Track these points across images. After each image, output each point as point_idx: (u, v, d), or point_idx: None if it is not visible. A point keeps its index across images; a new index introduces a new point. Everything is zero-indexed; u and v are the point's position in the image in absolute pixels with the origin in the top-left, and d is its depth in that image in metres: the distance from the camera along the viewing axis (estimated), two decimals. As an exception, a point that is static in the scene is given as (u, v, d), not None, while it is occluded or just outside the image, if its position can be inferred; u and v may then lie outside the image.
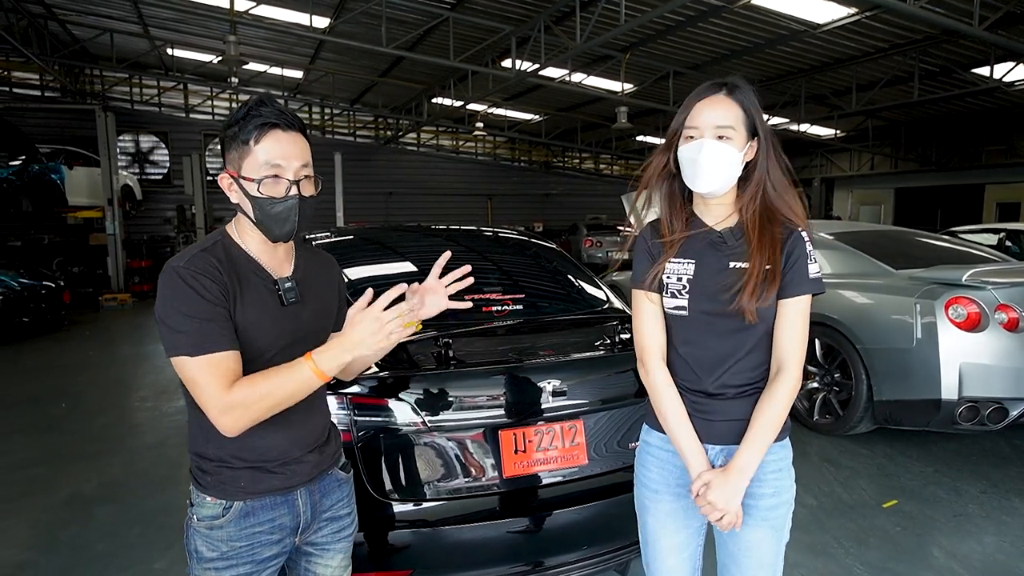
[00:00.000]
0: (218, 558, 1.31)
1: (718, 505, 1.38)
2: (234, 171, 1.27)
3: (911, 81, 11.43)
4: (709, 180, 1.40)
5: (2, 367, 6.93)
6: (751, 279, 1.37)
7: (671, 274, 1.46)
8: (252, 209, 1.27)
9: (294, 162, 1.27)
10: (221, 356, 1.20)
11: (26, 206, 11.56)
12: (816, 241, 4.86)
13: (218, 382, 1.19)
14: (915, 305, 3.82)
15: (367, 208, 19.64)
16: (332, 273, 1.53)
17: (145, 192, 16.01)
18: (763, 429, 1.39)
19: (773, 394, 1.40)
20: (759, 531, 1.45)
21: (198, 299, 1.20)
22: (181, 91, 17.31)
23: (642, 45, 11.34)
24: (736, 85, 1.41)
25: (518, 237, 3.33)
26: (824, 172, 21.13)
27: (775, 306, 1.42)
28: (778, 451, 1.47)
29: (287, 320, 1.33)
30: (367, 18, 10.32)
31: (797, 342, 1.41)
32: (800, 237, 1.42)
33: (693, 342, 1.46)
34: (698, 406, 1.47)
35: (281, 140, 1.26)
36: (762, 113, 1.42)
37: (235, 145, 1.26)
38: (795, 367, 1.40)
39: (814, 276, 1.41)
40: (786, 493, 1.48)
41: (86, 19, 12.84)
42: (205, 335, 1.19)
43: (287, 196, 1.26)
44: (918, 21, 9.01)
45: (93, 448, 4.30)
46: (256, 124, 1.24)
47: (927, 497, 3.46)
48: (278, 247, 1.36)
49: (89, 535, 3.09)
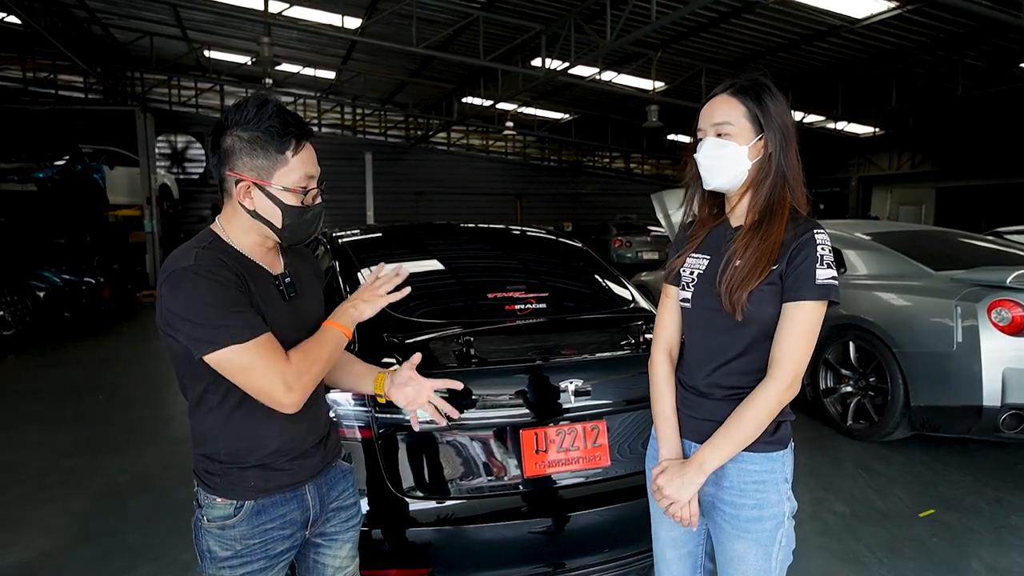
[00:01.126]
0: (232, 556, 1.32)
1: (665, 491, 1.40)
2: (262, 179, 1.26)
3: (955, 77, 11.07)
4: (713, 176, 1.41)
5: (45, 360, 7.16)
6: (726, 267, 1.37)
7: (687, 268, 1.49)
8: (283, 217, 1.29)
9: (318, 170, 1.34)
10: (267, 336, 1.22)
11: (69, 205, 11.93)
12: (852, 241, 4.74)
13: (278, 358, 1.22)
14: (956, 308, 3.68)
15: (397, 207, 19.83)
16: (314, 265, 1.58)
17: (182, 191, 16.42)
18: (729, 429, 1.35)
19: (752, 397, 1.34)
20: (742, 543, 1.41)
21: (226, 290, 1.20)
22: (217, 92, 17.69)
23: (674, 42, 11.20)
24: (745, 83, 1.39)
25: (543, 236, 3.30)
26: (862, 171, 20.63)
27: (774, 311, 1.35)
28: (763, 463, 1.39)
29: (290, 314, 1.35)
30: (398, 18, 10.40)
31: (792, 349, 1.32)
32: (811, 239, 1.32)
33: (694, 336, 1.49)
34: (687, 402, 1.49)
35: (311, 152, 1.32)
36: (779, 110, 1.38)
37: (263, 153, 1.25)
38: (784, 375, 1.32)
39: (823, 282, 1.31)
40: (771, 508, 1.39)
41: (128, 23, 13.21)
42: (247, 321, 1.20)
43: (317, 203, 1.34)
44: (962, 14, 8.72)
45: (128, 439, 4.41)
46: (294, 136, 1.26)
47: (967, 507, 3.34)
48: (270, 249, 1.38)
49: (121, 525, 3.17)
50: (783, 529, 1.41)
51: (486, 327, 2.24)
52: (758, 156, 1.38)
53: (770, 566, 1.41)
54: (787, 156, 1.38)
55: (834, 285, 1.33)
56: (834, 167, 21.56)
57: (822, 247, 1.33)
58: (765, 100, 1.37)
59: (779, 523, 1.41)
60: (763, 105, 1.37)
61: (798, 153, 1.41)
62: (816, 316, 1.33)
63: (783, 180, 1.38)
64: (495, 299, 2.46)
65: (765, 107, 1.37)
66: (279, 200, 1.27)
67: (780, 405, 1.35)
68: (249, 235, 1.33)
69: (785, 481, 1.43)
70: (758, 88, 1.38)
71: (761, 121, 1.37)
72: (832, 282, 1.32)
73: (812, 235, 1.33)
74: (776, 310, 1.35)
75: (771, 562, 1.41)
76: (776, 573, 1.43)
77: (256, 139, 1.24)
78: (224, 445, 1.31)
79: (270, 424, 1.30)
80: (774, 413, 1.35)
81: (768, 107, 1.37)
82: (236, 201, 1.29)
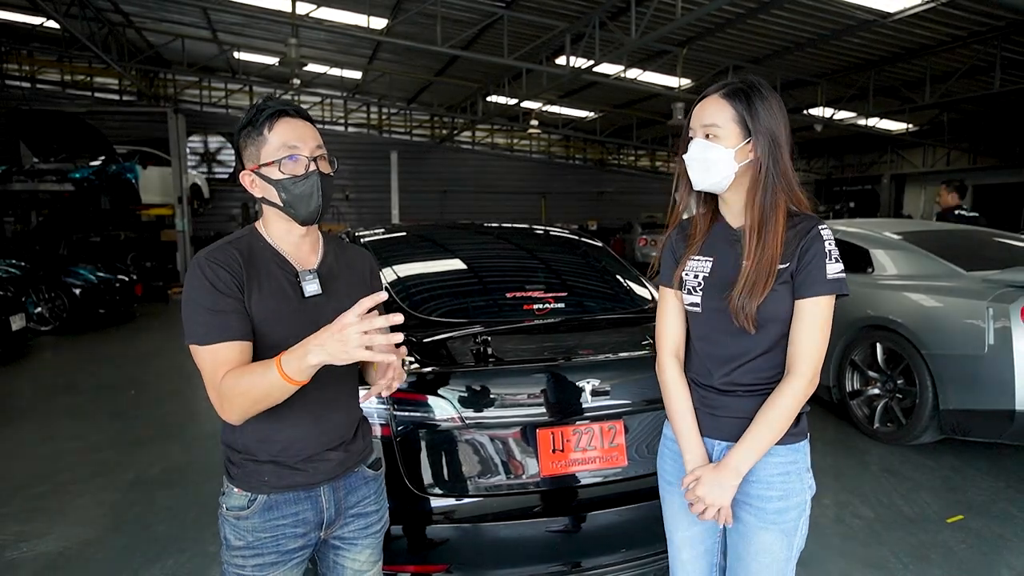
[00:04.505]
0: (245, 547, 1.35)
1: (706, 500, 1.39)
2: (254, 164, 1.33)
3: (992, 71, 10.75)
4: (701, 177, 1.42)
5: (79, 355, 7.37)
6: (741, 278, 1.37)
7: (690, 271, 1.50)
8: (277, 193, 1.32)
9: (309, 142, 1.33)
10: (224, 347, 1.24)
11: (104, 204, 12.27)
12: (881, 241, 4.64)
13: (216, 372, 1.24)
14: (988, 309, 3.59)
15: (422, 206, 19.96)
16: (363, 267, 1.53)
17: (212, 190, 16.75)
18: (761, 430, 1.38)
19: (778, 396, 1.38)
20: (768, 534, 1.43)
21: (212, 291, 1.25)
22: (247, 93, 18.00)
23: (700, 39, 11.08)
24: (738, 86, 1.39)
25: (563, 235, 3.31)
26: (894, 168, 20.18)
27: (790, 307, 1.38)
28: (788, 454, 1.44)
29: (308, 312, 1.34)
30: (423, 18, 10.46)
31: (811, 344, 1.36)
32: (818, 235, 1.37)
33: (706, 338, 1.48)
34: (706, 400, 1.49)
35: (292, 125, 1.33)
36: (769, 114, 1.37)
37: (251, 141, 1.33)
38: (807, 370, 1.36)
39: (833, 276, 1.35)
40: (796, 496, 1.44)
41: (160, 26, 13.53)
42: (212, 326, 1.24)
43: (308, 173, 1.32)
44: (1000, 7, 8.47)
45: (157, 433, 4.52)
46: (266, 115, 1.32)
47: (996, 513, 3.25)
48: (304, 239, 1.39)
49: (150, 517, 3.26)
50: (804, 517, 1.46)
51: (504, 326, 2.25)
52: (746, 159, 1.39)
53: (791, 554, 1.46)
54: (777, 159, 1.38)
55: (843, 279, 1.37)
56: (866, 164, 21.13)
57: (828, 242, 1.37)
58: (755, 104, 1.37)
59: (802, 511, 1.45)
60: (752, 109, 1.37)
61: (793, 154, 1.41)
62: (829, 310, 1.37)
63: (774, 183, 1.38)
64: (514, 298, 2.47)
65: (754, 111, 1.37)
66: (268, 177, 1.32)
67: (804, 399, 1.38)
68: (274, 225, 1.38)
69: (807, 470, 1.48)
70: (750, 91, 1.38)
71: (749, 125, 1.37)
72: (841, 276, 1.37)
73: (817, 231, 1.37)
74: (790, 306, 1.38)
75: (792, 550, 1.45)
76: (794, 561, 1.48)
77: (248, 133, 1.33)
78: (240, 437, 1.34)
79: (279, 422, 1.32)
80: (799, 408, 1.39)
81: (757, 111, 1.37)
82: (253, 195, 1.37)
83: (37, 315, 8.55)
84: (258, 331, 1.29)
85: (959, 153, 17.97)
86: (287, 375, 1.14)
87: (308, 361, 1.11)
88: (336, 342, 1.08)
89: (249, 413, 1.23)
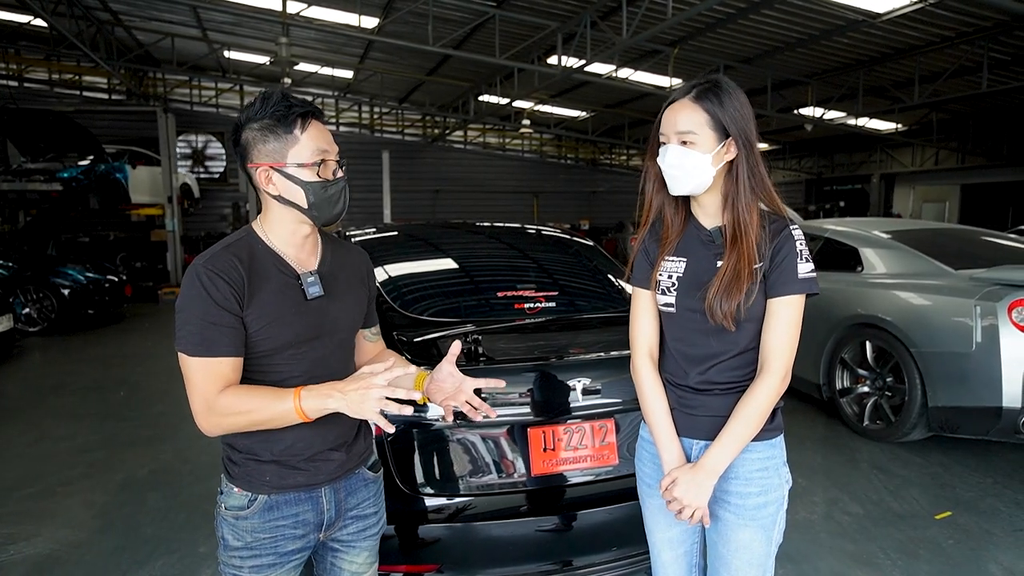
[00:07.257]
0: (243, 547, 1.34)
1: (683, 501, 1.40)
2: (277, 162, 1.29)
3: (979, 71, 10.83)
4: (680, 184, 1.43)
5: (69, 356, 7.32)
6: (718, 279, 1.39)
7: (664, 272, 1.51)
8: (305, 195, 1.30)
9: (334, 147, 1.35)
10: (216, 361, 1.23)
11: (93, 204, 12.15)
12: (870, 240, 4.68)
13: (207, 386, 1.22)
14: (975, 307, 3.63)
15: (414, 205, 19.92)
16: (360, 266, 1.53)
17: (203, 190, 16.63)
18: (736, 428, 1.39)
19: (752, 394, 1.40)
20: (748, 531, 1.45)
21: (208, 301, 1.22)
22: (237, 92, 17.88)
23: (691, 39, 11.11)
24: (706, 88, 1.39)
25: (554, 234, 3.31)
26: (884, 168, 20.29)
27: (763, 305, 1.40)
28: (765, 450, 1.46)
29: (311, 314, 1.34)
30: (414, 17, 10.43)
31: (783, 342, 1.39)
32: (789, 235, 1.40)
33: (681, 338, 1.50)
34: (683, 400, 1.51)
35: (321, 129, 1.33)
36: (740, 114, 1.38)
37: (274, 137, 1.29)
38: (780, 367, 1.38)
39: (805, 276, 1.39)
40: (774, 492, 1.46)
41: (150, 24, 13.41)
42: (205, 338, 1.22)
43: (338, 178, 1.34)
44: (987, 8, 8.54)
45: (148, 435, 4.49)
46: (298, 114, 1.29)
47: (984, 510, 3.29)
48: (307, 239, 1.38)
49: (140, 518, 3.24)
50: (782, 511, 1.48)
51: (495, 325, 2.25)
52: (722, 162, 1.41)
53: (770, 550, 1.47)
54: (752, 159, 1.40)
55: (814, 278, 1.40)
56: (855, 164, 21.25)
57: (799, 242, 1.40)
58: (727, 105, 1.38)
59: (780, 505, 1.48)
60: (725, 111, 1.38)
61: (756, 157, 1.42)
62: (800, 309, 1.41)
63: (749, 182, 1.40)
64: (505, 298, 2.47)
65: (727, 113, 1.38)
66: (297, 178, 1.29)
67: (778, 397, 1.41)
68: (282, 225, 1.35)
69: (784, 464, 1.51)
70: (719, 93, 1.38)
71: (724, 127, 1.38)
72: (812, 275, 1.40)
73: (789, 231, 1.41)
74: (763, 305, 1.41)
75: (771, 545, 1.47)
76: (773, 556, 1.49)
77: (266, 126, 1.29)
78: (242, 436, 1.33)
79: None
80: (772, 405, 1.41)
81: (730, 112, 1.38)
82: (264, 191, 1.33)
83: (25, 316, 8.49)
84: (262, 334, 1.28)
85: (948, 153, 18.09)
86: (302, 410, 1.20)
87: (326, 405, 1.19)
88: (358, 398, 1.16)
89: (234, 430, 1.27)
